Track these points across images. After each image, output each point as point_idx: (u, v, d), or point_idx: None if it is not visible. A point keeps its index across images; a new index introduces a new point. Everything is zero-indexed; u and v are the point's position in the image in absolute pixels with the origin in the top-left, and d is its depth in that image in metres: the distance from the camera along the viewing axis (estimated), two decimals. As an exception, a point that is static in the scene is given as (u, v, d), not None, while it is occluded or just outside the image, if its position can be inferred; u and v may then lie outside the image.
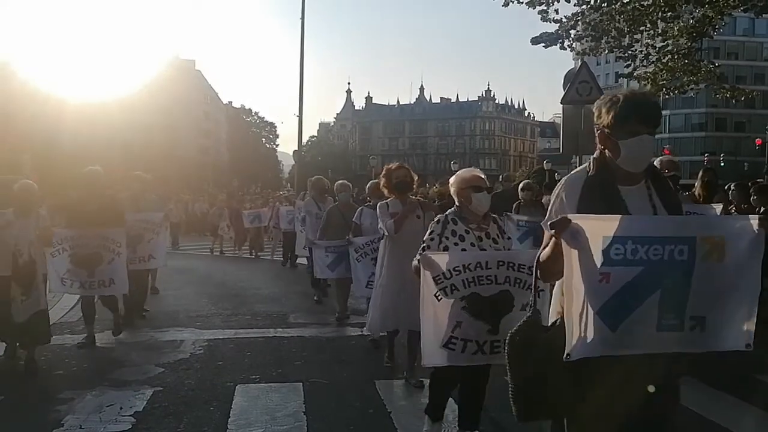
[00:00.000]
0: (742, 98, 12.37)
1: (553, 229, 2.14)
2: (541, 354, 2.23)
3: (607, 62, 66.85)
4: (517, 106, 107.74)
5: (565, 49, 11.60)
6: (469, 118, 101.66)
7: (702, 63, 12.01)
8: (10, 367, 5.68)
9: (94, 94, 48.74)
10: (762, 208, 6.36)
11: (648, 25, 11.18)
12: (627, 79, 13.26)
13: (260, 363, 5.96)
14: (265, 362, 6.00)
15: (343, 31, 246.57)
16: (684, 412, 3.71)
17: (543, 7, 10.84)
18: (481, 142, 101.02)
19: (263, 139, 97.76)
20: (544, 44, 11.37)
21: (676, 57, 11.51)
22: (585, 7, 11.04)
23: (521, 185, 9.38)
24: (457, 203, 3.93)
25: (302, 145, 33.36)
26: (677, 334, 2.17)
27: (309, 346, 6.71)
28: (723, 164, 53.95)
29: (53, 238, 6.22)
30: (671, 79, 11.80)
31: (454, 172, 4.14)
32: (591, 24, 11.00)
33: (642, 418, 2.25)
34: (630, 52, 11.55)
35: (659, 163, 5.63)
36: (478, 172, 4.01)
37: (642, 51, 11.76)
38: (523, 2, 10.84)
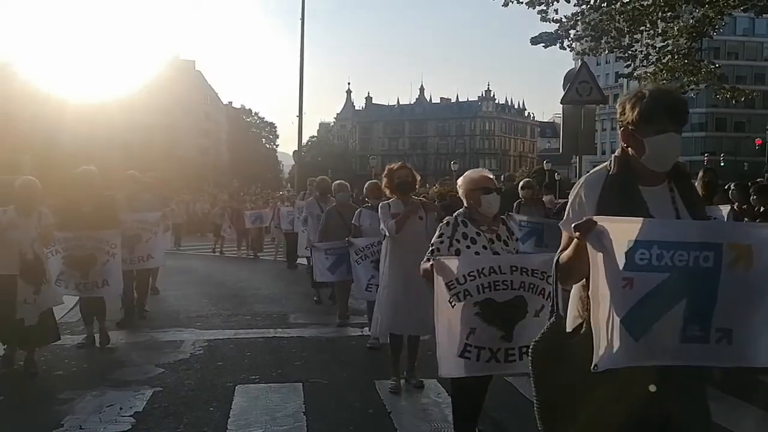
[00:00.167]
0: (742, 98, 12.32)
1: (578, 231, 2.03)
2: (570, 362, 2.09)
3: (607, 62, 66.79)
4: (517, 106, 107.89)
5: (565, 49, 11.58)
6: (469, 118, 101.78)
7: (702, 63, 11.98)
8: (10, 367, 5.66)
9: (94, 94, 48.62)
10: (762, 208, 6.36)
11: (648, 25, 11.15)
12: (627, 79, 13.24)
13: (260, 363, 5.96)
14: (265, 362, 6.00)
15: (343, 31, 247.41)
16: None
17: (543, 7, 10.81)
18: (481, 142, 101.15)
19: (263, 140, 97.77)
20: (543, 44, 11.34)
21: (676, 57, 11.49)
22: (585, 7, 11.02)
23: (521, 184, 9.54)
24: (465, 205, 3.87)
25: (302, 145, 33.32)
26: (702, 346, 2.04)
27: (309, 346, 6.71)
28: (723, 164, 53.97)
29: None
30: (671, 79, 11.75)
31: (454, 173, 4.11)
32: (591, 24, 10.98)
33: None
34: (630, 52, 11.51)
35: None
36: (487, 173, 3.94)
37: (642, 51, 11.73)
38: (522, 2, 10.82)
